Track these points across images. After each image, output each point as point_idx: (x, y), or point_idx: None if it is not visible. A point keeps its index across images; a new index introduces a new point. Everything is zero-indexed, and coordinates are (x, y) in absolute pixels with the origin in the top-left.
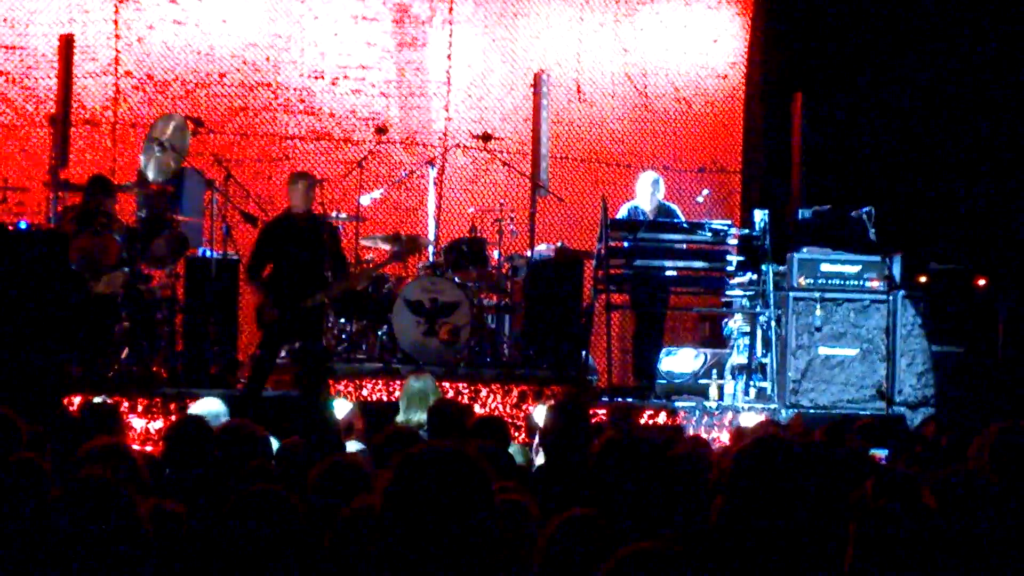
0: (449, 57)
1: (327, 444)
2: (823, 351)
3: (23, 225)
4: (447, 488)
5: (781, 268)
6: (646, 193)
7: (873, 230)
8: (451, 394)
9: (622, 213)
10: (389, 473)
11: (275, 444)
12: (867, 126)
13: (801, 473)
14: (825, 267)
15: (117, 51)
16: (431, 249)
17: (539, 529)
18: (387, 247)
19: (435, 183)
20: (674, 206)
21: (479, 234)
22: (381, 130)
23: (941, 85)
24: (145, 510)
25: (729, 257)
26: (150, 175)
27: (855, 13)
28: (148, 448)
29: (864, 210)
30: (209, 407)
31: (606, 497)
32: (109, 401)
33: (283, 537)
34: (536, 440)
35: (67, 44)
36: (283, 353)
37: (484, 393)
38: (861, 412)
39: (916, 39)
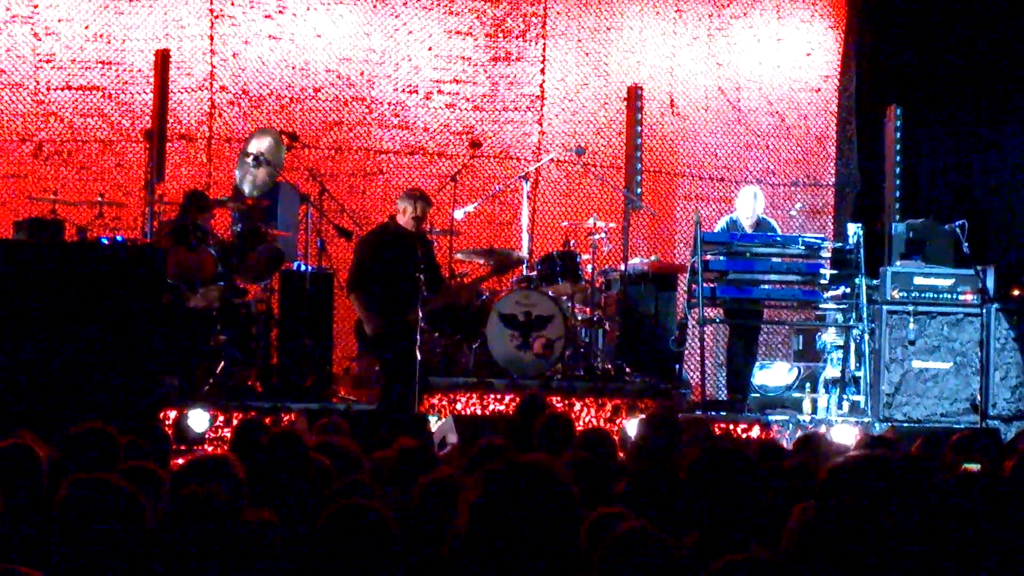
0: (543, 71)
1: (420, 459)
2: (917, 364)
3: (120, 240)
4: (532, 502)
5: (874, 281)
6: (747, 207)
7: (966, 243)
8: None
9: (720, 225)
10: (474, 487)
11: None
12: (960, 138)
13: (899, 489)
14: (918, 280)
15: (212, 66)
16: (525, 263)
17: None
18: (481, 261)
19: (528, 197)
20: (773, 221)
21: (572, 248)
22: (475, 144)
23: None
24: (253, 521)
25: (823, 271)
26: (245, 190)
27: (947, 25)
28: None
29: (957, 223)
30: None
31: (697, 510)
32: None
33: (376, 553)
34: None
35: (163, 59)
36: (376, 367)
37: (578, 407)
38: (955, 426)
39: (1007, 48)
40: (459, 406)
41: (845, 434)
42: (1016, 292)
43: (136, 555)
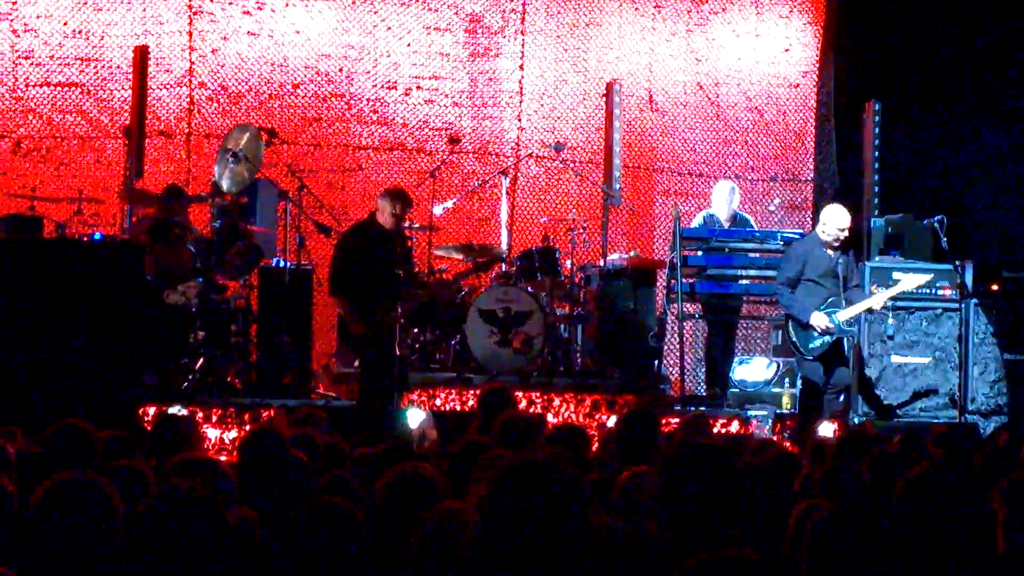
0: (522, 67)
1: (399, 454)
2: (895, 359)
3: (98, 236)
4: (544, 500)
5: None
6: (722, 202)
7: (945, 238)
8: (524, 404)
9: (697, 221)
10: (484, 485)
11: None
12: (938, 134)
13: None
14: (897, 275)
15: (191, 62)
16: (504, 258)
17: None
18: (459, 256)
19: (507, 193)
20: (748, 216)
21: (551, 243)
22: (454, 140)
23: (1011, 91)
24: (232, 520)
25: None
26: (224, 186)
27: (926, 20)
28: (223, 458)
29: (936, 218)
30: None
31: (676, 506)
32: (184, 412)
33: (346, 550)
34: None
35: (142, 56)
36: (355, 363)
37: (557, 402)
38: (933, 420)
39: (985, 43)
40: (438, 402)
41: (825, 429)
42: (995, 287)
43: (112, 552)
